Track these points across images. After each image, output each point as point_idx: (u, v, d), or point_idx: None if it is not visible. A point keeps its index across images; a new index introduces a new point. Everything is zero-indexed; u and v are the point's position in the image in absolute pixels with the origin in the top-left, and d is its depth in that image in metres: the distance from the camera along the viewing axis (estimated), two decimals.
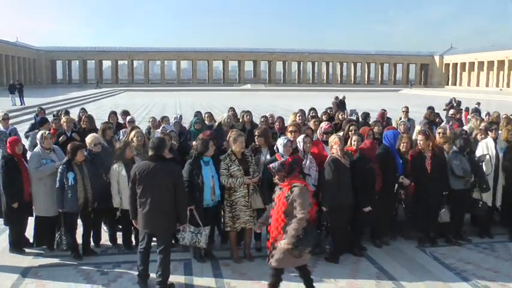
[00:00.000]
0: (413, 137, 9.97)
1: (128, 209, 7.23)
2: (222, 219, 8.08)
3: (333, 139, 8.14)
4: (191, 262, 7.83)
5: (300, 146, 8.12)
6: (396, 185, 8.61)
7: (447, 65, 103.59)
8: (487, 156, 9.18)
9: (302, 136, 8.31)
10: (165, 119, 12.88)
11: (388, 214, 8.76)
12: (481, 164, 9.05)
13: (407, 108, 14.90)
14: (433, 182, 8.57)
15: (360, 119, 14.11)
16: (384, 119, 13.98)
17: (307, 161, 8.08)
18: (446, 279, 7.38)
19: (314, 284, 6.66)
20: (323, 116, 13.70)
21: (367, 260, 8.05)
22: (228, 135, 8.50)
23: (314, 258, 7.99)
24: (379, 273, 7.52)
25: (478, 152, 9.36)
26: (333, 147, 8.03)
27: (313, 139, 8.87)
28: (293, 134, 8.68)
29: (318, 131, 9.53)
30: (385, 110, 14.61)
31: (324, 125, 9.60)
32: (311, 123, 10.87)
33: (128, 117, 12.64)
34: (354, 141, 8.39)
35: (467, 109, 20.35)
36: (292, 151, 7.95)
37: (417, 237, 8.94)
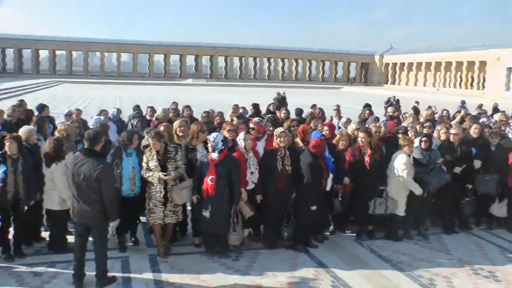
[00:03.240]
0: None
1: (58, 210, 7.20)
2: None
3: (277, 132, 8.41)
4: (129, 259, 7.75)
5: (242, 143, 8.19)
6: (331, 181, 8.76)
7: (387, 64, 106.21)
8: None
9: (243, 133, 8.39)
10: (103, 112, 12.60)
11: (327, 209, 8.93)
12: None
13: (338, 106, 15.20)
14: (371, 177, 8.82)
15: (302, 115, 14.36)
16: (324, 116, 14.31)
17: (250, 159, 8.18)
18: (383, 270, 7.66)
19: (255, 277, 6.96)
20: (251, 110, 14.18)
21: (305, 254, 8.19)
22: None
23: (254, 253, 8.15)
24: (318, 267, 7.67)
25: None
26: (276, 139, 8.29)
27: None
28: (230, 133, 8.70)
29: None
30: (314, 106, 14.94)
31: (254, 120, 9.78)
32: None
33: (66, 110, 12.39)
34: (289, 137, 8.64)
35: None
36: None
37: (355, 230, 9.22)
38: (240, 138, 8.23)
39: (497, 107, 22.39)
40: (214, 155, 7.71)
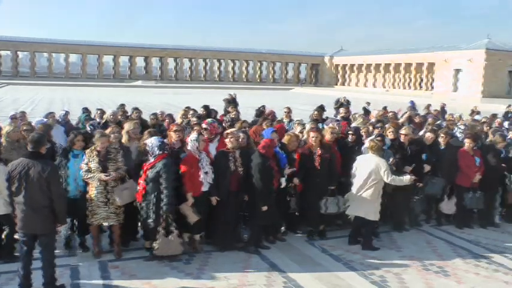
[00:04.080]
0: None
1: (4, 214, 7.02)
2: None
3: (226, 133, 8.47)
4: (78, 266, 7.60)
5: (193, 144, 8.16)
6: (284, 180, 8.83)
7: (337, 65, 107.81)
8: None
9: (194, 134, 8.36)
10: (50, 114, 12.33)
11: (282, 209, 8.97)
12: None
13: (289, 108, 15.37)
14: (322, 177, 8.93)
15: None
16: (275, 117, 14.41)
17: (203, 159, 8.16)
18: (335, 269, 7.78)
19: (207, 281, 6.97)
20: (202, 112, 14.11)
21: (258, 256, 8.22)
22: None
23: (206, 255, 8.14)
24: (270, 269, 7.72)
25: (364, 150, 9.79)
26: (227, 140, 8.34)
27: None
28: (177, 133, 8.67)
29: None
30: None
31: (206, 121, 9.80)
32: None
33: (11, 113, 12.16)
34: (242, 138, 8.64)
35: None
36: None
37: (306, 231, 9.30)
38: (191, 139, 8.20)
39: (445, 107, 23.04)
40: (151, 160, 7.71)
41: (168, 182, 7.46)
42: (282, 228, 9.30)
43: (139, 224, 8.48)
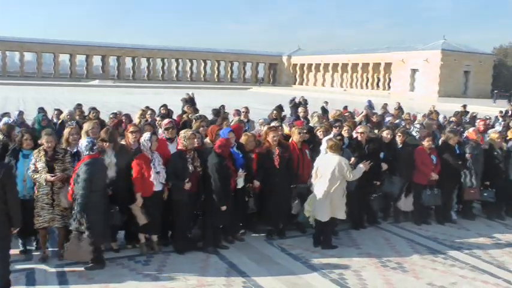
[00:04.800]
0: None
1: None
2: None
3: (183, 133, 8.42)
4: (34, 271, 7.44)
5: (146, 144, 8.10)
6: (242, 180, 8.83)
7: (295, 65, 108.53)
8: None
9: (147, 134, 8.30)
10: (5, 115, 12.06)
11: (240, 209, 8.99)
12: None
13: (246, 108, 15.43)
14: (281, 176, 8.99)
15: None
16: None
17: (155, 159, 8.10)
18: (294, 268, 7.84)
19: (165, 282, 7.00)
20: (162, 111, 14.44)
21: (216, 256, 8.22)
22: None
23: (164, 256, 8.11)
24: (229, 269, 7.73)
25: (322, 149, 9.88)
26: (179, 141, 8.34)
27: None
28: (134, 134, 8.59)
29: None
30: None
31: (165, 121, 9.75)
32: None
33: None
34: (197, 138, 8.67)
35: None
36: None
37: (266, 230, 9.35)
38: (144, 139, 8.15)
39: (400, 106, 23.51)
40: None
41: (85, 183, 7.22)
42: (241, 228, 9.32)
43: None
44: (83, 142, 7.59)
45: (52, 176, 7.53)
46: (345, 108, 19.42)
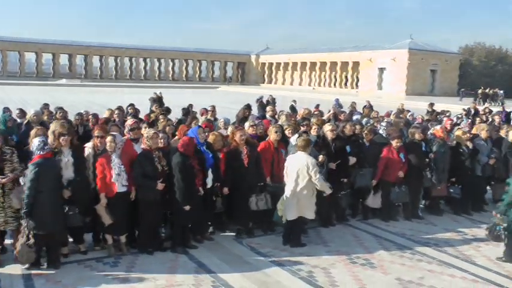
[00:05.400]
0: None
1: None
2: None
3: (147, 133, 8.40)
4: None
5: (108, 146, 8.06)
6: (210, 180, 8.83)
7: (263, 64, 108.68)
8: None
9: (110, 138, 8.20)
10: None
11: (208, 208, 8.98)
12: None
13: (213, 107, 15.41)
14: (250, 175, 9.03)
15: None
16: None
17: (114, 160, 8.04)
18: (263, 267, 7.88)
19: (134, 284, 6.99)
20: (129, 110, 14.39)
21: (185, 255, 8.21)
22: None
23: (133, 257, 8.06)
24: (198, 268, 7.72)
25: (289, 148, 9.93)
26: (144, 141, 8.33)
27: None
28: (99, 139, 8.45)
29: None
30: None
31: (129, 121, 9.65)
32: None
33: None
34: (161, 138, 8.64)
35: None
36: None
37: (235, 229, 9.37)
38: (108, 141, 8.09)
39: (371, 105, 23.78)
40: None
41: (30, 183, 7.15)
42: (210, 227, 9.31)
43: None
44: (35, 141, 7.50)
45: (3, 178, 7.44)
46: (317, 106, 19.56)
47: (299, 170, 8.61)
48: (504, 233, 8.34)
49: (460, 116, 17.91)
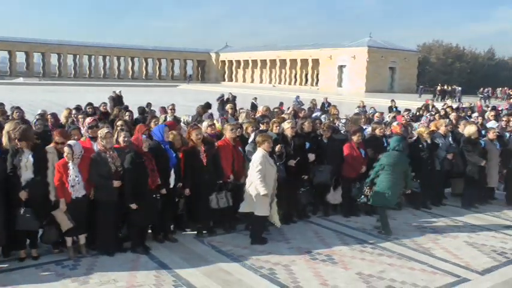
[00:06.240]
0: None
1: None
2: None
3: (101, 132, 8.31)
4: None
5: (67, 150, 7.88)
6: (172, 180, 8.81)
7: (223, 62, 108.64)
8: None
9: (67, 149, 8.00)
10: None
11: (170, 208, 8.95)
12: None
13: (173, 105, 15.36)
14: (209, 174, 9.02)
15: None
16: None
17: (70, 168, 7.86)
18: (225, 265, 7.88)
19: (94, 286, 6.91)
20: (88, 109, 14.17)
21: (146, 255, 8.15)
22: None
23: (92, 259, 7.95)
24: (159, 268, 7.68)
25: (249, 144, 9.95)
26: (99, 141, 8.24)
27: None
28: (60, 145, 8.27)
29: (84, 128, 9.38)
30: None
31: (88, 120, 9.51)
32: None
33: None
34: (122, 137, 8.50)
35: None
36: None
37: (195, 228, 9.36)
38: (65, 151, 7.89)
39: (325, 102, 24.12)
40: None
41: None
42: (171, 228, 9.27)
43: None
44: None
45: None
46: (281, 105, 19.67)
47: (250, 166, 8.77)
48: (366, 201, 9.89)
49: (432, 113, 18.26)
